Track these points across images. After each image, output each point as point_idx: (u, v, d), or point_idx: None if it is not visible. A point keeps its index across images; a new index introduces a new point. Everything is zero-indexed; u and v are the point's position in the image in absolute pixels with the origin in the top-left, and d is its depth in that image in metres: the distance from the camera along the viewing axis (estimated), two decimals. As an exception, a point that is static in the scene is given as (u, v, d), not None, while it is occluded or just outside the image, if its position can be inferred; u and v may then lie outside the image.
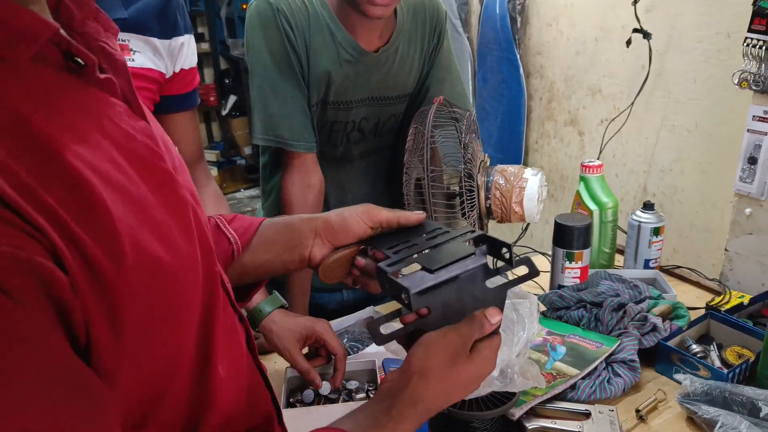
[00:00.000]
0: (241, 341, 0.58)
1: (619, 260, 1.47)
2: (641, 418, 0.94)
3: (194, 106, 1.12)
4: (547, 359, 1.04)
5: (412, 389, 0.57)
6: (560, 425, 0.91)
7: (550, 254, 1.32)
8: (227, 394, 0.53)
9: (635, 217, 1.37)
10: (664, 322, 1.10)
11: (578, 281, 1.25)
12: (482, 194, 1.13)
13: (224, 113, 4.80)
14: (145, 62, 0.97)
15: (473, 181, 1.11)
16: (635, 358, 1.03)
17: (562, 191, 2.13)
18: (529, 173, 1.12)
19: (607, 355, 1.03)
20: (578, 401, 0.97)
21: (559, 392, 0.97)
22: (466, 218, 1.14)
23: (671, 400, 0.97)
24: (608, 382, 0.99)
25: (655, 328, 1.08)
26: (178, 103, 1.07)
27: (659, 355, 1.06)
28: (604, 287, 1.19)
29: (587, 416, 0.92)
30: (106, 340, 0.39)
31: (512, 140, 2.22)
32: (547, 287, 1.34)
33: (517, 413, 0.92)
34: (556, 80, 2.07)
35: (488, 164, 1.17)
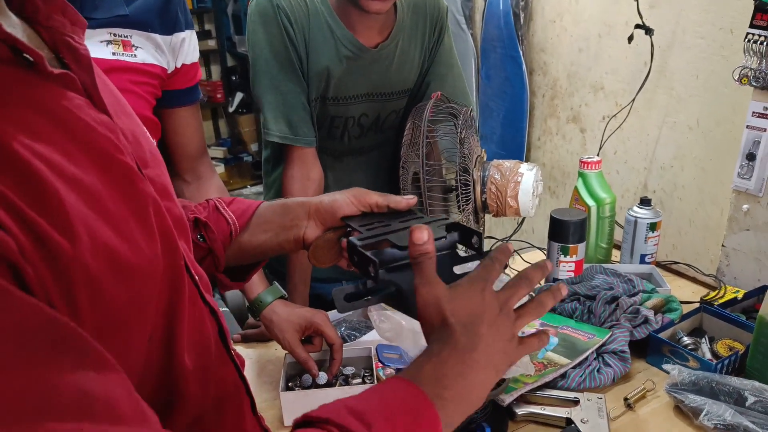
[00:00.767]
0: (209, 334, 0.59)
1: (616, 256, 1.49)
2: (629, 406, 0.96)
3: (196, 100, 1.15)
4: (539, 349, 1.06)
5: (457, 335, 0.56)
6: (549, 411, 0.94)
7: (545, 248, 1.34)
8: (195, 384, 0.54)
9: (632, 212, 1.38)
10: (656, 315, 1.12)
11: (573, 275, 1.27)
12: (478, 188, 1.15)
13: (231, 110, 4.84)
14: (147, 58, 1.00)
15: (469, 175, 1.13)
16: (626, 349, 1.05)
17: (563, 188, 2.15)
18: (524, 168, 1.15)
19: (598, 345, 1.05)
20: (568, 389, 0.99)
21: (549, 380, 0.99)
22: (461, 212, 1.16)
23: (660, 389, 0.99)
24: (598, 371, 1.01)
25: (646, 320, 1.10)
26: (180, 98, 1.10)
27: (650, 346, 1.07)
28: (598, 281, 1.20)
29: (576, 403, 0.95)
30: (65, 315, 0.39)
31: (515, 137, 2.24)
32: (542, 281, 1.36)
33: (507, 399, 0.94)
34: (559, 77, 2.08)
35: (485, 159, 1.20)
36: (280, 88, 1.16)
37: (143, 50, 0.99)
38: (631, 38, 1.69)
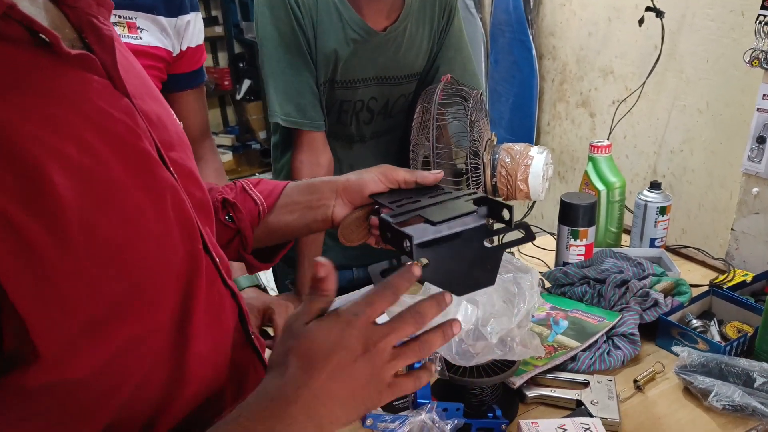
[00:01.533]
0: (228, 318, 0.59)
1: (626, 240, 1.49)
2: (638, 388, 0.97)
3: (201, 83, 1.16)
4: (549, 332, 1.07)
5: (286, 378, 0.49)
6: (559, 393, 0.94)
7: (556, 232, 1.34)
8: (205, 369, 0.54)
9: (642, 196, 1.38)
10: (666, 298, 1.12)
11: (582, 258, 1.27)
12: (488, 172, 1.15)
13: (239, 97, 4.83)
14: (152, 41, 1.00)
15: (479, 159, 1.13)
16: (636, 332, 1.05)
17: (572, 173, 2.14)
18: (534, 151, 1.14)
19: (608, 328, 1.06)
20: (578, 372, 1.00)
21: (559, 363, 1.00)
22: (472, 193, 1.16)
23: (669, 371, 1.00)
24: (608, 354, 1.02)
25: (656, 303, 1.10)
26: (185, 81, 1.10)
27: (659, 329, 1.08)
28: (608, 264, 1.21)
29: (586, 386, 0.95)
30: (36, 315, 0.39)
31: (524, 122, 2.23)
32: (552, 264, 1.37)
33: (517, 382, 0.95)
34: (568, 61, 2.07)
35: (495, 143, 1.19)
36: (288, 71, 1.16)
37: (148, 33, 0.99)
38: (641, 21, 1.68)
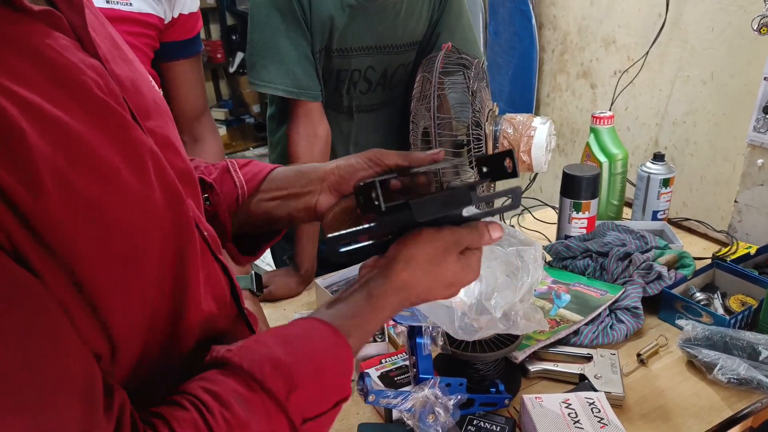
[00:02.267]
0: (221, 291, 0.57)
1: (627, 213, 1.47)
2: (642, 361, 0.96)
3: (197, 53, 1.11)
4: (551, 306, 1.06)
5: (395, 277, 0.55)
6: (562, 368, 0.93)
7: (557, 206, 1.32)
8: (198, 341, 0.53)
9: (645, 168, 1.36)
10: (669, 271, 1.11)
11: (585, 231, 1.26)
12: (490, 143, 1.12)
13: (232, 70, 4.75)
14: (143, 7, 0.96)
15: (481, 129, 1.10)
16: (639, 305, 1.04)
17: (572, 145, 2.11)
18: (537, 122, 1.12)
19: (611, 302, 1.05)
20: (581, 346, 0.99)
21: (562, 337, 0.98)
22: (473, 168, 1.14)
23: (672, 345, 0.99)
24: (611, 328, 1.01)
25: (659, 276, 1.09)
26: (179, 49, 1.06)
27: (663, 302, 1.07)
28: (610, 237, 1.19)
29: (589, 360, 0.94)
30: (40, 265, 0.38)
31: (524, 94, 2.19)
32: (552, 238, 1.35)
33: (520, 356, 0.94)
34: (569, 31, 2.02)
35: (497, 113, 1.17)
36: (282, 39, 1.11)
37: None
38: (646, -12, 1.63)
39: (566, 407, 0.81)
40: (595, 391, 0.87)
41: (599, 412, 0.80)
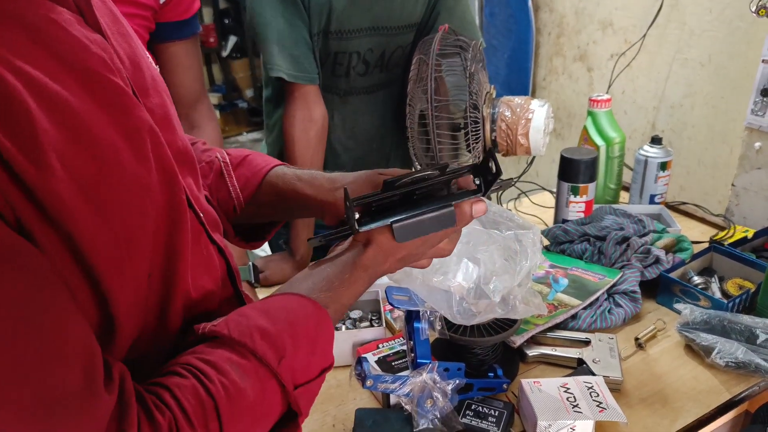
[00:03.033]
0: (215, 274, 0.57)
1: (624, 198, 1.46)
2: (640, 345, 0.96)
3: (193, 34, 1.08)
4: (549, 291, 1.05)
5: (365, 258, 0.57)
6: (560, 352, 0.93)
7: (554, 191, 1.31)
8: (189, 324, 0.52)
9: (642, 151, 1.35)
10: (667, 255, 1.10)
11: (582, 215, 1.25)
12: (488, 126, 1.11)
13: (225, 55, 4.70)
14: None
15: (478, 112, 1.09)
16: (637, 289, 1.03)
17: (569, 129, 2.10)
18: (535, 104, 1.10)
19: (609, 286, 1.04)
20: (579, 330, 0.98)
21: (560, 322, 0.98)
22: (470, 151, 1.12)
23: (670, 329, 0.98)
24: (609, 312, 1.01)
25: (657, 260, 1.08)
26: (174, 30, 1.04)
27: (661, 286, 1.06)
28: (608, 221, 1.18)
29: (587, 344, 0.94)
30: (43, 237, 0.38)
31: (520, 77, 2.18)
32: (550, 222, 1.34)
33: (518, 341, 0.93)
34: (566, 13, 2.00)
35: (494, 96, 1.15)
36: (279, 21, 1.09)
37: None
38: (644, -31, 1.61)
39: (565, 391, 0.81)
40: (593, 375, 0.86)
41: (598, 396, 0.80)
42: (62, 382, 0.38)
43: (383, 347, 0.93)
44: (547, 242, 1.21)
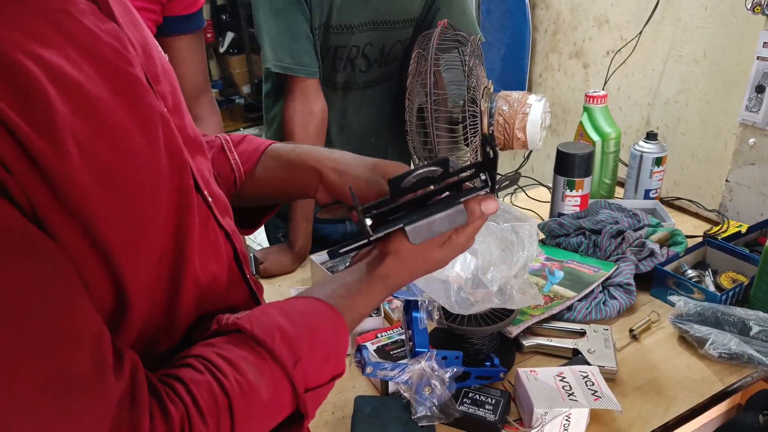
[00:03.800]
0: (222, 258, 0.58)
1: (619, 193, 1.48)
2: (634, 337, 0.97)
3: (198, 28, 1.09)
4: (544, 283, 1.07)
5: (384, 268, 0.58)
6: (556, 342, 0.94)
7: (550, 185, 1.32)
8: (198, 308, 0.53)
9: (638, 147, 1.36)
10: (661, 248, 1.12)
11: (578, 209, 1.26)
12: (485, 120, 1.12)
13: (222, 51, 4.69)
14: None
15: (476, 106, 1.10)
16: (631, 281, 1.05)
17: (564, 125, 2.12)
18: (533, 99, 1.11)
19: (603, 279, 1.05)
20: (574, 321, 0.99)
21: (555, 313, 0.99)
22: (468, 145, 1.13)
23: (664, 321, 1.00)
24: (604, 304, 1.02)
25: (652, 253, 1.09)
26: (180, 24, 1.04)
27: (655, 279, 1.08)
28: (603, 215, 1.20)
29: (582, 335, 0.95)
30: (60, 228, 0.39)
31: (516, 73, 2.19)
32: (545, 216, 1.35)
33: (514, 331, 0.94)
34: (562, 10, 2.01)
35: (492, 90, 1.16)
36: (281, 15, 1.10)
37: None
38: (640, -34, 1.62)
39: (560, 380, 0.82)
40: (588, 365, 0.88)
41: (593, 385, 0.81)
42: (72, 363, 0.39)
43: (382, 337, 0.94)
44: (543, 236, 1.22)
